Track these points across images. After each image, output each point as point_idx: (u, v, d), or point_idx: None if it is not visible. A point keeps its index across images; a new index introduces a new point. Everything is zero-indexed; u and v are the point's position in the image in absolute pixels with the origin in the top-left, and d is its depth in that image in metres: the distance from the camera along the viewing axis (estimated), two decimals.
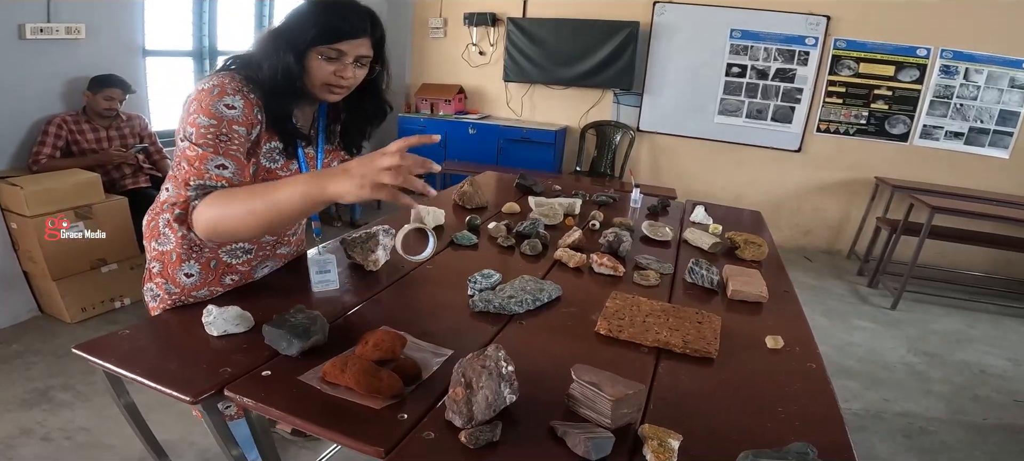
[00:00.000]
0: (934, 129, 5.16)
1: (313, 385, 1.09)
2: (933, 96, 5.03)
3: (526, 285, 1.57)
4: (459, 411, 0.99)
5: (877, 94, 5.14)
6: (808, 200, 5.51)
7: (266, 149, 1.29)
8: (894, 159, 5.21)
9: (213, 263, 1.41)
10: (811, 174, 5.46)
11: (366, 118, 1.48)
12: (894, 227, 4.63)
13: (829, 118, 5.30)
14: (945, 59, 4.92)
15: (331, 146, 1.49)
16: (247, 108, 1.22)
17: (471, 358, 1.03)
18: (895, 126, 5.19)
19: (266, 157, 1.29)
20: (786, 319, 1.66)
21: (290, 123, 1.32)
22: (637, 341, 1.39)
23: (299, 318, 1.24)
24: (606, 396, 1.01)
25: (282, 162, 1.31)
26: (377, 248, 1.70)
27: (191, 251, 1.38)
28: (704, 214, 2.65)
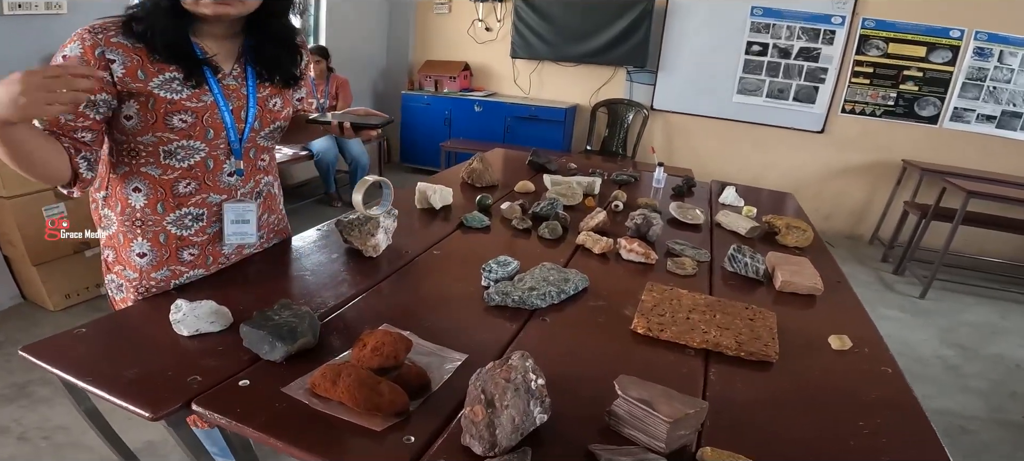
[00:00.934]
0: (965, 112, 4.95)
1: (300, 399, 0.89)
2: (965, 78, 4.80)
3: (548, 275, 1.36)
4: (479, 435, 0.79)
5: (907, 75, 4.91)
6: (830, 183, 5.28)
7: (160, 80, 1.09)
8: (922, 142, 4.98)
9: (162, 237, 1.21)
10: (834, 156, 5.22)
11: (276, 42, 1.25)
12: (924, 212, 4.41)
13: (855, 98, 5.07)
14: (979, 41, 4.70)
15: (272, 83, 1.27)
16: (85, 53, 1.05)
17: (492, 369, 0.83)
18: (925, 108, 4.96)
19: (163, 88, 1.09)
20: (845, 314, 1.46)
21: (189, 49, 1.13)
22: (681, 342, 1.18)
23: (284, 315, 1.04)
24: (661, 417, 0.81)
25: (188, 92, 1.12)
26: (377, 231, 1.49)
27: (134, 226, 1.19)
28: (735, 195, 2.43)
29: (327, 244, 1.55)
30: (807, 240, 1.94)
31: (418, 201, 1.95)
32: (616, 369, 1.07)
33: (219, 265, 1.31)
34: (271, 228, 1.44)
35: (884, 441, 0.95)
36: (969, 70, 4.77)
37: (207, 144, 1.18)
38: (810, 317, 1.42)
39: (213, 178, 1.22)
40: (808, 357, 1.21)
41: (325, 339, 1.07)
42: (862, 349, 1.26)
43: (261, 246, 1.42)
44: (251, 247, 1.38)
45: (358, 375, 0.87)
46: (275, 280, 1.31)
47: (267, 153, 1.35)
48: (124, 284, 1.24)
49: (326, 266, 1.41)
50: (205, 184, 1.21)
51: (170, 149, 1.14)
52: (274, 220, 1.44)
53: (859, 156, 5.17)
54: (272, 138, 1.32)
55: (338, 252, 1.50)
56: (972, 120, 4.92)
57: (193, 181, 1.19)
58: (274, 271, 1.36)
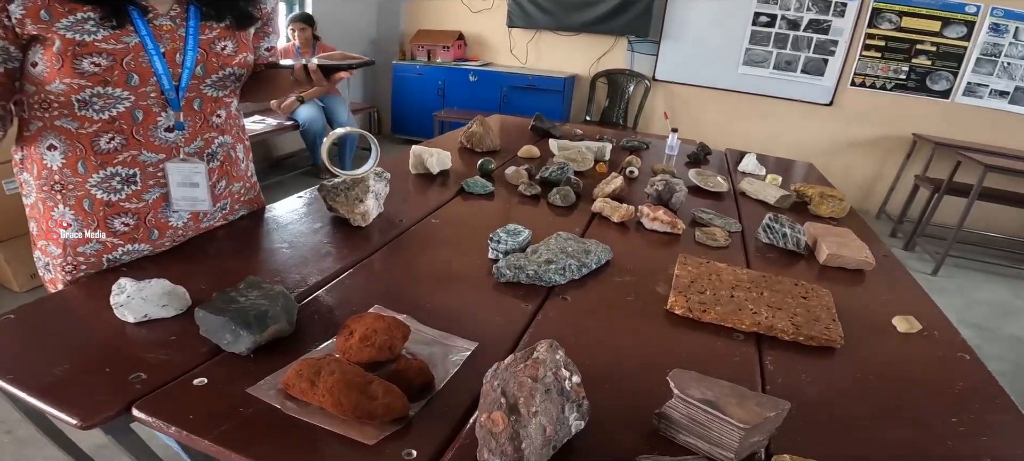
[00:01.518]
0: (978, 87, 4.85)
1: (270, 403, 0.70)
2: (980, 53, 4.68)
3: (566, 246, 1.17)
4: (501, 450, 0.60)
5: (920, 49, 4.78)
6: (837, 157, 5.12)
7: (69, 22, 0.90)
8: (933, 116, 4.85)
9: (86, 203, 1.01)
10: (842, 129, 5.07)
11: None
12: (937, 186, 4.25)
13: (865, 72, 4.93)
14: (995, 17, 4.57)
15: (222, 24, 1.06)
16: None
17: (514, 365, 0.64)
18: (937, 82, 4.84)
19: (72, 30, 0.90)
20: (900, 292, 1.28)
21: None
22: (728, 325, 1.00)
23: (252, 297, 0.85)
24: (734, 423, 0.62)
25: (104, 34, 0.91)
26: (367, 196, 1.30)
27: (53, 191, 1.00)
28: (756, 163, 2.25)
29: (309, 213, 1.35)
30: (843, 210, 1.76)
31: (413, 166, 1.75)
32: (656, 359, 0.89)
33: (171, 240, 1.11)
34: (236, 198, 1.23)
35: (984, 439, 0.80)
36: (983, 46, 4.66)
37: (132, 92, 0.97)
38: (863, 295, 1.24)
39: (144, 132, 1.01)
40: (873, 341, 1.03)
41: (303, 326, 0.88)
42: (931, 332, 1.09)
43: (225, 217, 1.22)
44: (211, 218, 1.17)
45: (343, 372, 0.68)
46: (244, 256, 1.12)
47: (222, 108, 1.13)
48: (50, 262, 1.04)
49: (307, 238, 1.21)
50: (134, 139, 1.00)
51: (84, 97, 0.94)
52: (239, 189, 1.23)
53: (868, 130, 5.03)
54: (224, 88, 1.10)
55: (322, 222, 1.30)
56: (985, 95, 4.82)
57: (118, 135, 0.99)
58: (244, 245, 1.16)
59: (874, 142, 5.08)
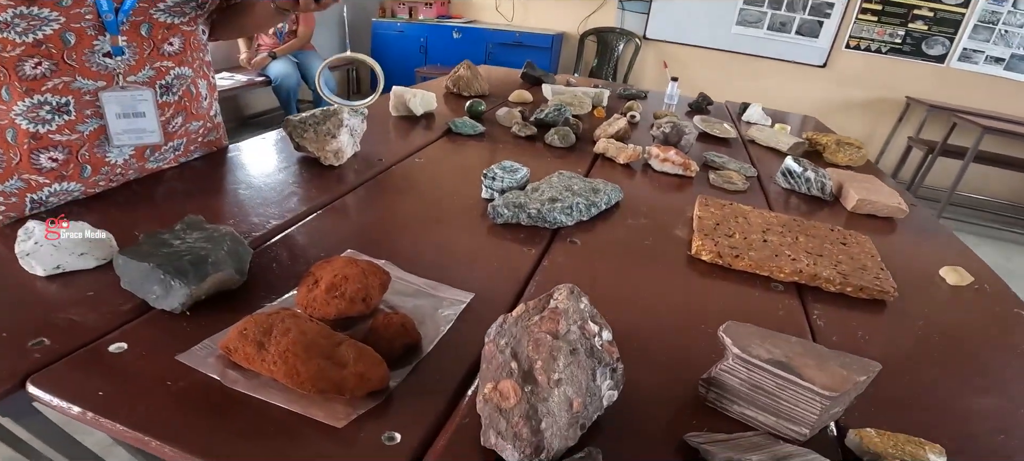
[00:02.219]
0: (974, 53, 4.78)
1: (207, 374, 0.54)
2: (978, 20, 4.60)
3: (571, 184, 1.01)
4: (515, 434, 0.45)
5: (917, 14, 4.68)
6: (830, 118, 5.01)
7: None
8: (927, 80, 4.80)
9: (10, 133, 0.83)
10: (835, 91, 4.99)
11: None
12: (930, 148, 4.20)
13: (861, 35, 4.83)
14: None
15: None
16: None
17: (525, 317, 0.49)
18: (933, 47, 4.76)
19: None
20: (938, 242, 1.15)
21: None
22: (764, 273, 0.85)
23: (190, 239, 0.68)
24: (817, 390, 0.48)
25: None
26: (340, 131, 1.12)
27: None
28: (762, 114, 2.10)
29: (275, 154, 1.17)
30: (861, 159, 1.63)
31: (393, 107, 1.56)
32: (686, 313, 0.74)
33: (107, 180, 0.93)
34: (193, 138, 1.05)
35: None
36: (982, 12, 4.58)
37: (62, 12, 0.78)
38: (899, 245, 1.11)
39: (78, 57, 0.83)
40: (923, 294, 0.90)
41: (258, 276, 0.71)
42: (982, 285, 0.96)
43: (177, 159, 1.04)
44: (160, 158, 0.99)
45: (302, 332, 0.52)
46: (194, 198, 0.94)
47: (177, 35, 0.95)
48: None
49: (269, 178, 1.04)
50: (65, 64, 0.82)
51: (5, 18, 0.75)
52: (198, 128, 1.05)
53: (861, 92, 4.96)
54: (180, 14, 0.92)
55: (289, 162, 1.13)
56: (980, 61, 4.76)
57: (45, 60, 0.80)
58: (194, 188, 0.98)
59: (867, 104, 5.02)
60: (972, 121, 3.77)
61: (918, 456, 0.50)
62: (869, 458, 0.51)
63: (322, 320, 0.59)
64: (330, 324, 0.58)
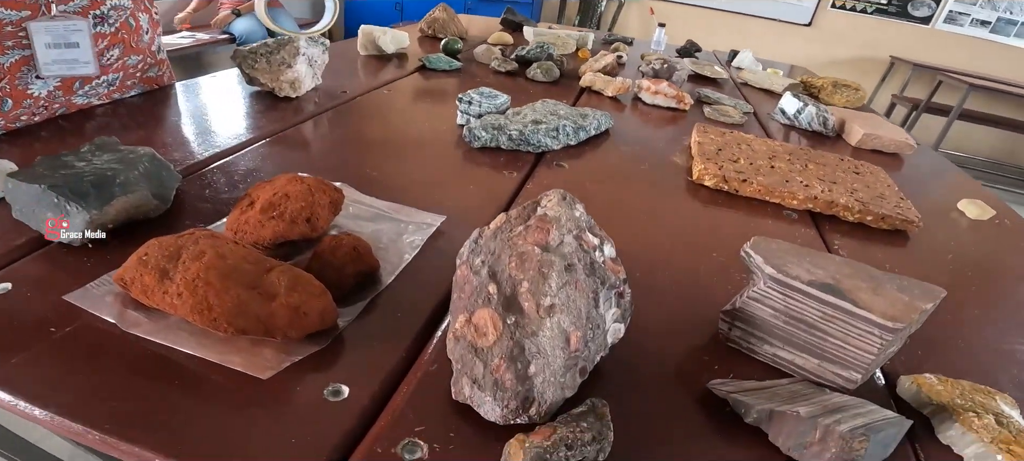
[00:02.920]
0: (960, 15, 4.74)
1: (101, 317, 0.42)
2: None
3: (556, 109, 0.90)
4: (495, 379, 0.35)
5: None
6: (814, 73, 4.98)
7: None
8: (911, 40, 4.78)
9: None
10: (819, 49, 4.93)
11: None
12: (914, 105, 4.18)
13: None
14: None
15: None
16: None
17: (507, 228, 0.39)
18: (919, 9, 4.71)
19: None
20: (949, 177, 1.07)
21: None
22: (775, 200, 0.76)
23: (99, 161, 0.56)
24: (875, 319, 0.38)
25: None
26: (296, 61, 0.99)
27: None
28: (753, 60, 2.00)
29: (223, 89, 1.03)
30: (859, 101, 1.54)
31: (362, 46, 1.43)
32: (693, 241, 0.65)
33: (30, 115, 0.80)
34: (132, 73, 0.91)
35: None
36: None
37: None
38: (910, 180, 1.02)
39: None
40: (944, 228, 0.82)
41: (187, 204, 0.59)
42: (1002, 220, 0.88)
43: (110, 95, 0.90)
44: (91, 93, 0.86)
45: (220, 255, 0.40)
46: (129, 131, 0.80)
47: None
48: None
49: (214, 110, 0.91)
50: None
51: None
52: (137, 63, 0.91)
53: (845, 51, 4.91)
54: None
55: (241, 96, 0.99)
56: (966, 23, 4.73)
57: None
58: (131, 121, 0.84)
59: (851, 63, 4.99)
60: (959, 79, 3.75)
61: (991, 407, 0.41)
62: (932, 410, 0.42)
63: (257, 247, 0.47)
64: (269, 253, 0.47)
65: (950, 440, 0.40)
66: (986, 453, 0.38)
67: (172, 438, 0.34)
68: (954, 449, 0.40)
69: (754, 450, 0.37)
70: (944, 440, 0.40)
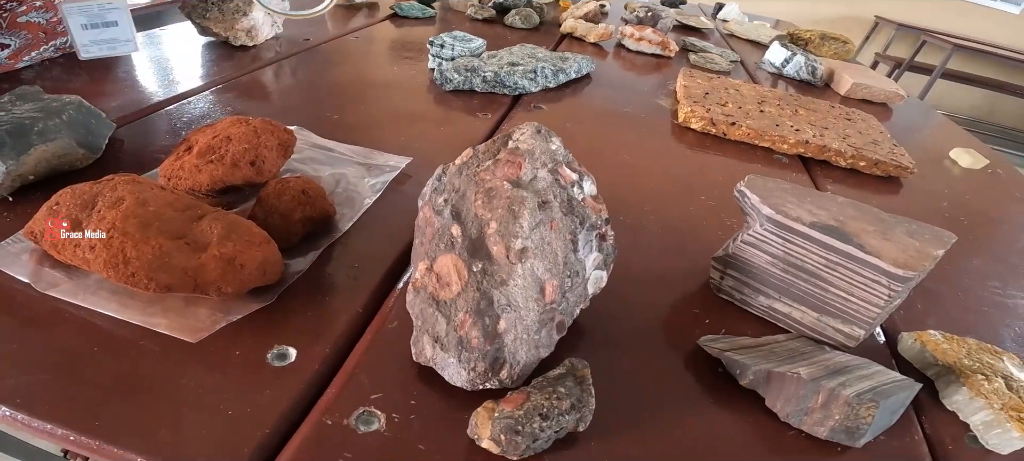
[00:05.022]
0: None
1: (13, 275, 0.37)
2: None
3: (535, 52, 0.84)
4: (459, 337, 0.30)
5: None
6: None
7: None
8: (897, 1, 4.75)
9: None
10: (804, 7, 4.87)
11: None
12: (897, 64, 4.19)
13: None
14: None
15: None
16: None
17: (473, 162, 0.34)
18: None
19: None
20: (939, 128, 1.04)
21: None
22: (765, 143, 0.71)
23: (19, 110, 0.50)
24: (884, 266, 0.34)
25: None
26: (251, 8, 0.92)
27: None
28: (739, 12, 1.94)
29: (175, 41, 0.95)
30: (847, 53, 1.49)
31: None
32: (681, 184, 0.60)
33: None
34: None
35: None
36: None
37: None
38: (900, 129, 0.99)
39: None
40: (937, 176, 0.78)
41: (126, 154, 0.54)
42: (995, 170, 0.85)
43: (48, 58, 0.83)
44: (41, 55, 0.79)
45: (141, 201, 0.35)
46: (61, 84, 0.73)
47: None
48: None
49: (162, 60, 0.83)
50: None
51: None
52: None
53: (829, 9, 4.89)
54: None
55: (194, 47, 0.91)
56: None
57: None
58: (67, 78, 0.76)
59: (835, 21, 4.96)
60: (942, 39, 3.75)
61: (1000, 369, 0.37)
62: (936, 371, 0.38)
63: (192, 193, 0.42)
64: (209, 202, 0.41)
65: (956, 406, 0.36)
66: (995, 421, 0.34)
67: (88, 414, 0.29)
68: (960, 416, 0.36)
69: (749, 416, 0.34)
70: (949, 406, 0.37)
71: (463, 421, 0.29)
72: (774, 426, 0.33)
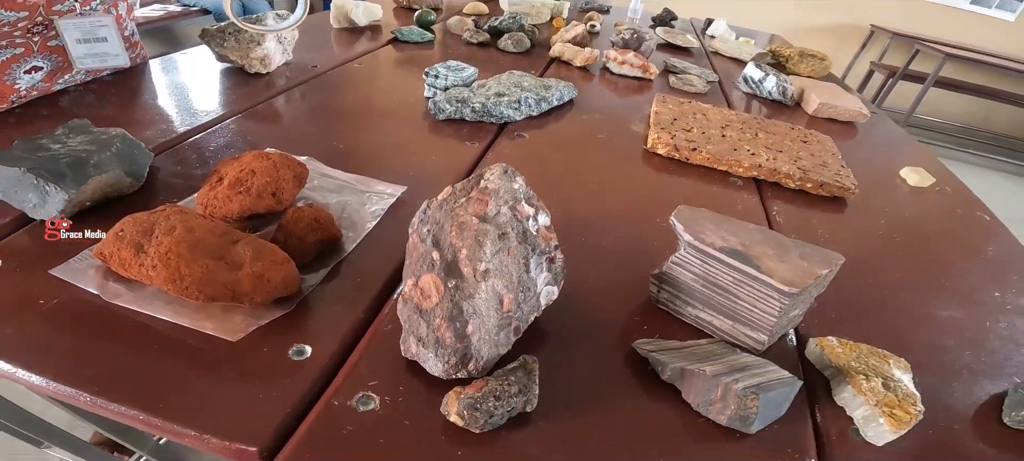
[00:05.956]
0: None
1: (83, 288, 0.46)
2: None
3: (521, 81, 0.93)
4: (437, 337, 0.39)
5: None
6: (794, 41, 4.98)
7: None
8: (892, 9, 4.82)
9: None
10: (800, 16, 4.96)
11: None
12: (891, 72, 4.26)
13: None
14: None
15: None
16: None
17: (450, 199, 0.43)
18: None
19: None
20: (898, 145, 1.12)
21: None
22: (722, 168, 0.80)
23: (74, 143, 0.59)
24: (774, 284, 0.43)
25: None
26: (265, 39, 1.01)
27: None
28: (726, 28, 2.02)
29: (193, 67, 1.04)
30: (824, 70, 1.58)
31: (334, 19, 1.43)
32: (641, 207, 0.69)
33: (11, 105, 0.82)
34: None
35: None
36: None
37: None
38: (861, 148, 1.07)
39: None
40: (884, 194, 0.87)
41: (160, 182, 0.63)
42: (943, 187, 0.93)
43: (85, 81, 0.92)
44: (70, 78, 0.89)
45: (189, 229, 0.44)
46: (99, 109, 0.83)
47: None
48: None
49: (185, 89, 0.93)
50: None
51: None
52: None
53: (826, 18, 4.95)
54: None
55: (212, 73, 1.01)
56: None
57: None
58: (101, 100, 0.86)
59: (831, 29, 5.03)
60: (935, 48, 3.81)
61: (882, 371, 0.46)
62: (831, 372, 0.47)
63: (226, 220, 0.51)
64: (238, 226, 0.51)
65: (843, 402, 0.45)
66: (871, 416, 0.43)
67: (151, 397, 0.38)
68: (847, 410, 0.44)
69: (668, 405, 0.42)
70: (838, 401, 0.45)
71: (439, 402, 0.38)
72: (688, 414, 0.42)
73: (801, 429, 0.43)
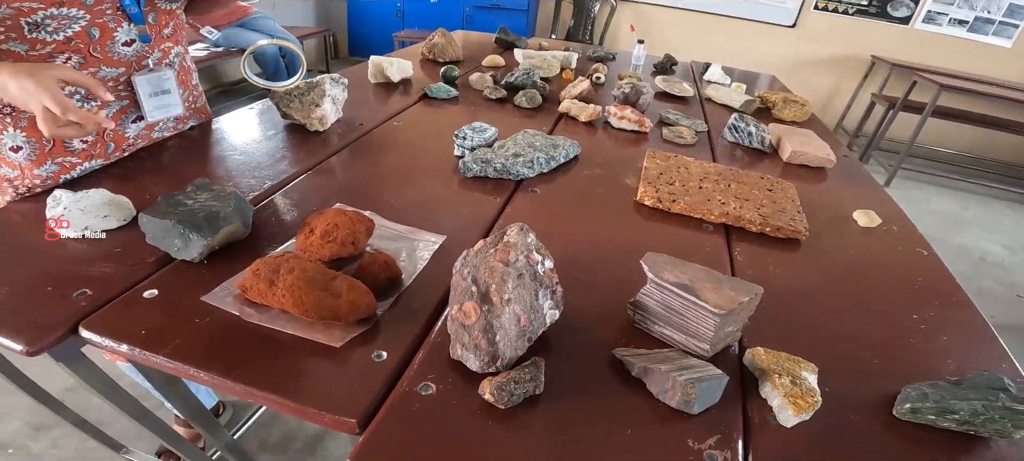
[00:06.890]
0: (938, 15, 4.91)
1: (227, 310, 0.66)
2: None
3: (533, 141, 1.13)
4: (475, 344, 0.58)
5: None
6: (797, 74, 5.16)
7: None
8: (892, 40, 4.95)
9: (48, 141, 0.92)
10: (804, 49, 5.12)
11: None
12: (892, 103, 4.39)
13: None
14: None
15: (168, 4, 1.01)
16: None
17: (484, 250, 0.61)
18: (898, 9, 4.88)
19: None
20: (859, 189, 1.29)
21: None
22: (697, 215, 0.99)
23: (201, 199, 0.79)
24: (709, 309, 0.61)
25: None
26: (323, 101, 1.22)
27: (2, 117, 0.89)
28: (721, 73, 2.22)
29: (262, 122, 1.27)
30: (805, 114, 1.77)
31: (372, 75, 1.66)
32: (628, 249, 0.88)
33: (122, 152, 1.03)
34: (188, 107, 1.16)
35: (945, 339, 0.79)
36: None
37: (87, 10, 0.87)
38: (825, 192, 1.25)
39: (102, 49, 0.92)
40: (836, 235, 1.04)
41: (260, 229, 0.83)
42: (891, 227, 1.10)
43: (176, 128, 1.14)
44: (162, 128, 1.10)
45: (304, 269, 0.64)
46: (193, 163, 1.04)
47: (171, 20, 1.05)
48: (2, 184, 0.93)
49: (260, 144, 1.14)
50: (92, 56, 0.91)
51: (35, 20, 0.83)
52: (187, 97, 1.15)
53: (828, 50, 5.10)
54: (176, 0, 1.02)
55: (276, 129, 1.23)
56: (944, 23, 4.89)
57: (74, 55, 0.89)
58: (192, 154, 1.08)
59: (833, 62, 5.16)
60: (930, 79, 3.91)
61: (793, 372, 0.63)
62: (758, 373, 0.65)
63: (318, 261, 0.71)
64: (325, 265, 0.70)
65: (765, 394, 0.63)
66: (782, 404, 0.60)
67: (279, 386, 0.57)
68: (768, 402, 0.62)
69: (637, 393, 0.61)
70: (762, 394, 0.63)
71: (477, 388, 0.57)
72: (651, 401, 0.60)
73: (734, 414, 0.61)
